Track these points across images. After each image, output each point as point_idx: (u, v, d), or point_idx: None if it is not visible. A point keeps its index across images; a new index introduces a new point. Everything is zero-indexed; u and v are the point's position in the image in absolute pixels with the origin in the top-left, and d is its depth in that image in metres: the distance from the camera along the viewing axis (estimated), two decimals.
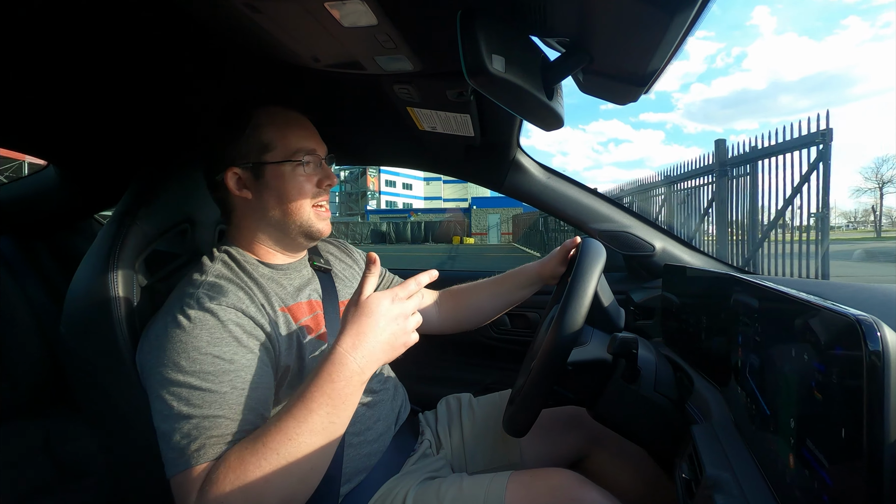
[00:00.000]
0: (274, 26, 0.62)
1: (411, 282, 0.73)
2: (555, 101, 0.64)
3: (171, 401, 0.64)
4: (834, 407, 0.40)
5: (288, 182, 0.81)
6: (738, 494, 0.53)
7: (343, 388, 0.65)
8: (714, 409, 0.72)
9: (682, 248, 1.35)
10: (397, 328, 0.69)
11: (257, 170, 0.80)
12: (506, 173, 1.35)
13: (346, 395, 0.65)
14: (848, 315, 0.38)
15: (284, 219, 0.82)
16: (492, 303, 1.15)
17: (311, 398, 0.63)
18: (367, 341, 0.67)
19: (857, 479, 0.36)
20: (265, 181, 0.81)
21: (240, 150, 0.80)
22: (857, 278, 8.61)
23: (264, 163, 0.80)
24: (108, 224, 0.85)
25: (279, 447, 0.61)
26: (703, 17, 0.47)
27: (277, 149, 0.80)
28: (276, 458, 0.60)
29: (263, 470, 0.60)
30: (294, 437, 0.61)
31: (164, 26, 0.72)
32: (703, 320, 0.85)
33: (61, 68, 0.82)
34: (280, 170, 0.80)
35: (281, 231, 0.84)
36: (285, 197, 0.81)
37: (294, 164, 0.81)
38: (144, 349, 0.70)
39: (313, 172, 0.83)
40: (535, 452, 1.01)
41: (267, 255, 0.85)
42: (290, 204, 0.81)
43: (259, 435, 0.63)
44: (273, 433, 0.62)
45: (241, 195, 0.81)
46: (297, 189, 0.81)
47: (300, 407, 0.63)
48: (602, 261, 0.81)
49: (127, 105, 1.00)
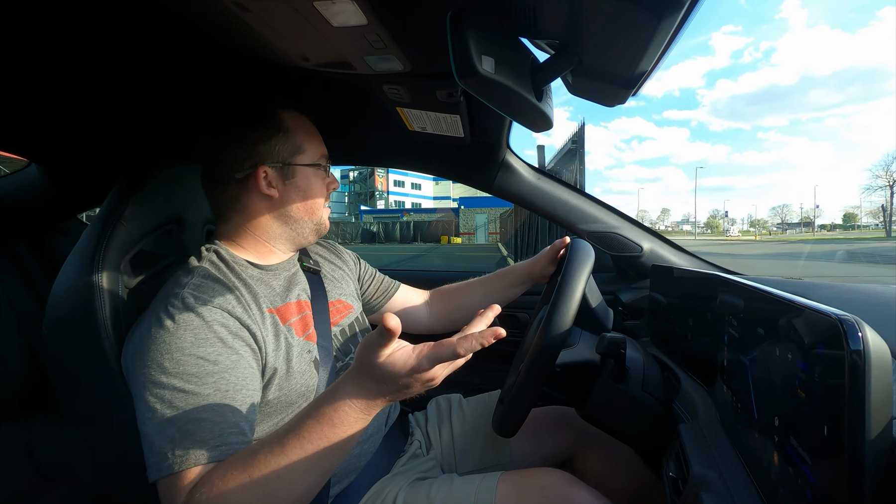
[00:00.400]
0: (263, 25, 0.62)
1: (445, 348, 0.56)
2: (544, 102, 0.65)
3: (154, 403, 0.63)
4: (817, 405, 0.40)
5: (313, 184, 0.86)
6: (724, 492, 0.54)
7: (342, 434, 0.59)
8: (701, 408, 0.73)
9: (670, 249, 1.37)
10: (411, 391, 0.60)
11: (287, 170, 0.83)
12: (495, 174, 1.35)
13: (345, 442, 0.59)
14: (830, 315, 0.39)
15: (305, 217, 0.86)
16: (483, 301, 1.14)
17: (308, 439, 0.58)
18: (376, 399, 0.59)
19: (839, 476, 0.36)
20: (294, 182, 0.84)
21: (272, 149, 0.82)
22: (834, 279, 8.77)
23: (296, 164, 0.83)
24: (92, 224, 0.83)
25: (266, 479, 0.58)
26: (691, 20, 0.48)
27: (307, 152, 0.85)
28: (259, 490, 0.57)
29: (247, 498, 0.57)
30: (284, 475, 0.58)
31: (151, 25, 0.72)
32: (689, 320, 0.86)
33: (47, 65, 0.81)
34: (308, 172, 0.85)
35: (296, 230, 0.87)
36: (310, 198, 0.86)
37: (318, 168, 0.87)
38: (129, 351, 0.69)
39: (326, 177, 0.90)
40: (524, 452, 1.02)
41: (258, 256, 0.84)
42: (311, 204, 0.86)
43: (247, 461, 0.59)
44: (262, 463, 0.58)
45: (268, 193, 0.82)
46: (319, 191, 0.87)
47: (294, 444, 0.58)
48: (590, 262, 0.82)
49: (113, 103, 0.98)
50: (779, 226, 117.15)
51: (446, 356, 0.55)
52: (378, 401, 0.59)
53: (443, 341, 0.56)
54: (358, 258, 1.13)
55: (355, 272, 1.09)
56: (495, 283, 1.16)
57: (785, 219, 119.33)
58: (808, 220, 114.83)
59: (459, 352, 0.55)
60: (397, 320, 0.53)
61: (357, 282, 1.08)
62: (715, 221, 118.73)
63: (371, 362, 0.56)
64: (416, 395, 0.61)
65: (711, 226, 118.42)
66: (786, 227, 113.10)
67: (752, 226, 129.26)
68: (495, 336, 0.55)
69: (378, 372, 0.56)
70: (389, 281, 1.16)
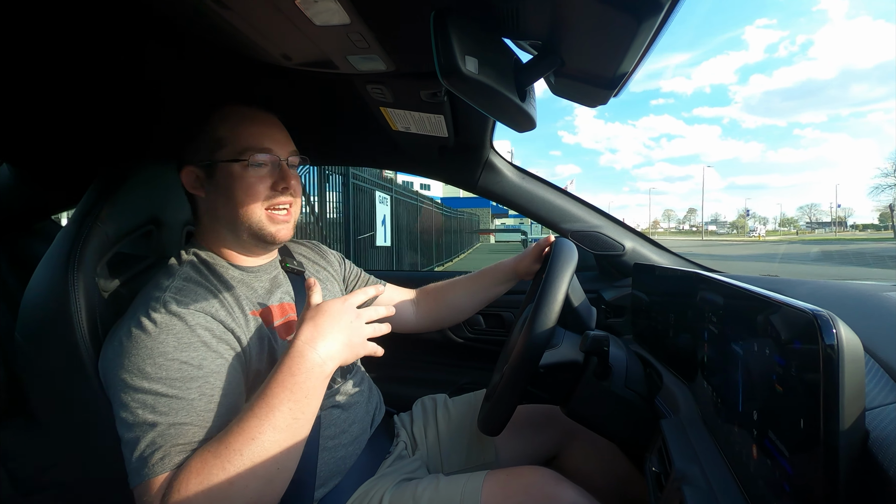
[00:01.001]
0: (243, 23, 0.61)
1: (359, 293, 0.76)
2: (527, 102, 0.65)
3: (135, 408, 0.62)
4: (793, 399, 0.41)
5: (237, 182, 0.76)
6: (706, 486, 0.55)
7: (305, 382, 0.64)
8: (682, 403, 0.74)
9: (651, 248, 1.39)
10: (353, 327, 0.72)
11: (210, 168, 0.77)
12: (479, 174, 1.36)
13: (308, 389, 0.64)
14: (806, 311, 0.40)
15: (234, 220, 0.78)
16: (469, 299, 1.16)
17: (272, 394, 0.63)
18: (324, 334, 0.68)
19: (815, 467, 0.37)
20: (216, 180, 0.77)
21: (195, 147, 0.78)
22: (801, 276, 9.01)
23: (216, 161, 0.77)
24: (68, 225, 0.81)
25: (243, 448, 0.59)
26: (671, 22, 0.48)
27: (228, 146, 0.77)
28: (239, 460, 0.59)
29: (227, 473, 0.58)
30: (257, 436, 0.60)
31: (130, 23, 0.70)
32: (671, 317, 0.88)
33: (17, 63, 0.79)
34: (230, 169, 0.76)
35: (234, 233, 0.80)
36: (233, 198, 0.77)
37: (244, 164, 0.76)
38: (108, 356, 0.68)
39: (268, 174, 0.78)
40: (510, 451, 1.02)
41: (234, 257, 0.82)
42: (238, 205, 0.77)
43: (221, 437, 0.61)
44: (235, 434, 0.60)
45: (195, 194, 0.80)
46: (246, 190, 0.77)
47: (262, 405, 0.62)
48: (573, 262, 0.82)
49: (90, 101, 0.96)
50: (808, 225, 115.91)
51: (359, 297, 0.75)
52: (327, 338, 0.68)
53: None
54: (343, 258, 1.12)
55: (340, 273, 1.08)
56: (481, 280, 1.16)
57: (813, 218, 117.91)
58: (840, 219, 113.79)
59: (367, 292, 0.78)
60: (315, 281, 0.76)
61: (342, 282, 1.07)
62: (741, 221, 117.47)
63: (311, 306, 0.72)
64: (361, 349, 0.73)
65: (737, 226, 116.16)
66: (815, 227, 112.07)
67: (781, 225, 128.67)
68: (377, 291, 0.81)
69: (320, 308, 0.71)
70: (375, 281, 1.15)
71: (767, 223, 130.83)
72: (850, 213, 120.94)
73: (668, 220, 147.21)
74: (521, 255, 1.11)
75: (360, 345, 0.73)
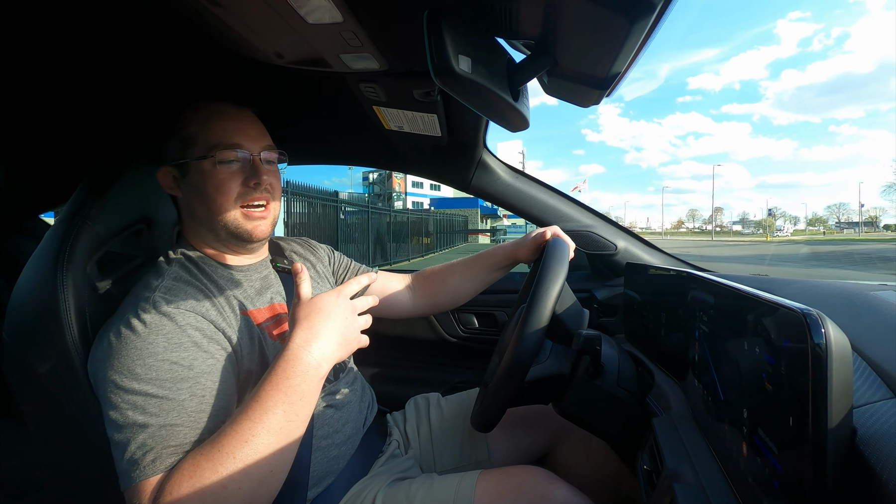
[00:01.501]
0: (235, 20, 0.61)
1: (353, 282, 0.75)
2: (520, 102, 0.65)
3: (125, 410, 0.61)
4: (782, 397, 0.42)
5: (207, 180, 0.75)
6: (696, 484, 0.55)
7: (299, 385, 0.63)
8: (673, 401, 0.74)
9: (643, 248, 1.40)
10: (347, 322, 0.70)
11: (182, 167, 0.76)
12: (472, 174, 1.36)
13: (302, 392, 0.64)
14: (795, 310, 0.40)
15: (210, 219, 0.77)
16: (467, 284, 1.14)
17: (266, 397, 0.62)
18: (319, 335, 0.67)
19: (804, 464, 0.38)
20: (189, 179, 0.76)
21: (169, 147, 0.78)
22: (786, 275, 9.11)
23: (186, 160, 0.76)
24: (56, 224, 0.80)
25: (235, 450, 0.59)
26: (663, 22, 0.49)
27: (198, 144, 0.75)
28: (232, 462, 0.58)
29: (220, 475, 0.57)
30: (251, 438, 0.59)
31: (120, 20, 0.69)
32: (662, 316, 0.88)
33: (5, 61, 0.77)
34: (200, 166, 0.75)
35: (212, 232, 0.79)
36: (206, 196, 0.75)
37: (212, 161, 0.74)
38: (97, 356, 0.67)
39: (238, 170, 0.76)
40: (502, 449, 1.02)
41: (221, 257, 0.82)
42: (211, 204, 0.75)
43: (214, 439, 0.60)
44: (229, 436, 0.59)
45: (173, 194, 0.80)
46: (217, 187, 0.75)
47: (256, 407, 0.61)
48: (564, 270, 0.80)
49: (78, 99, 0.95)
50: (837, 225, 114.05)
51: (353, 287, 0.74)
52: (321, 338, 0.67)
53: None
54: (332, 250, 1.11)
55: (330, 266, 1.07)
56: (478, 265, 1.13)
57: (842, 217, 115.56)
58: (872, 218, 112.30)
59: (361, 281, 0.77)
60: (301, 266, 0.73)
61: (332, 276, 1.06)
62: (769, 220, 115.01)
63: (302, 302, 0.70)
64: (355, 343, 0.72)
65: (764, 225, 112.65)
66: (844, 227, 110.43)
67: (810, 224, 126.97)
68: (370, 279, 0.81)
69: (314, 304, 0.69)
70: (366, 269, 1.13)
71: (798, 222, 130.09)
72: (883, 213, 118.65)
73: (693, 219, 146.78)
74: (520, 242, 1.06)
75: (354, 340, 0.72)
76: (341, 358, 0.70)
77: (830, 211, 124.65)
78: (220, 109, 0.78)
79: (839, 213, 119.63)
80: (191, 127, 0.76)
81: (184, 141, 0.76)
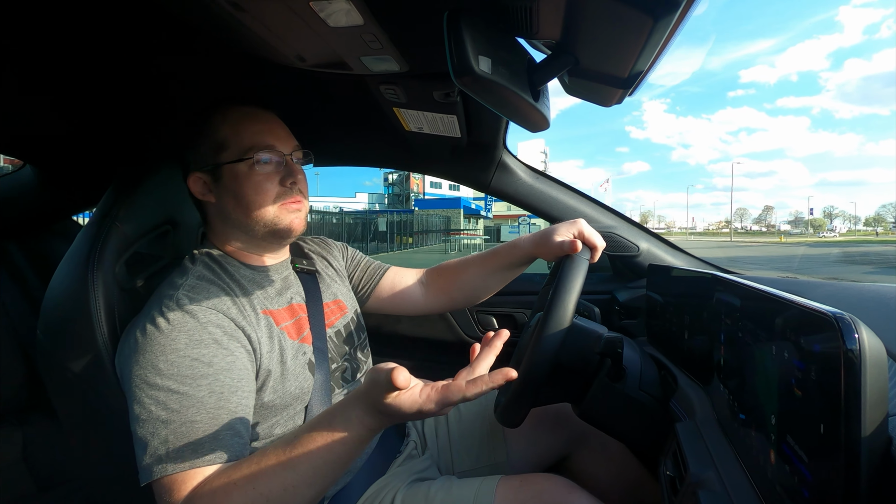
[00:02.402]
0: (259, 25, 0.62)
1: (453, 392, 0.56)
2: (541, 102, 0.65)
3: (148, 405, 0.63)
4: (813, 403, 0.41)
5: (244, 182, 0.76)
6: (722, 491, 0.54)
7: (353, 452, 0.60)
8: (697, 406, 0.73)
9: (667, 249, 1.37)
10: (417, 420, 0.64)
11: (215, 172, 0.77)
12: (492, 174, 1.35)
13: (353, 458, 0.61)
14: (826, 313, 0.39)
15: (248, 221, 0.77)
16: (481, 281, 1.06)
17: (316, 453, 0.59)
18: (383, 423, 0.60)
19: (835, 473, 0.37)
20: (223, 183, 0.77)
21: (199, 152, 0.78)
22: None
23: (220, 164, 0.76)
24: (87, 226, 0.83)
25: (270, 494, 0.58)
26: (688, 19, 0.48)
27: (231, 148, 0.76)
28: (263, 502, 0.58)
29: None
30: (290, 488, 0.58)
31: (146, 25, 0.71)
32: (686, 319, 0.87)
33: (41, 66, 0.80)
34: (235, 170, 0.76)
35: (248, 234, 0.80)
36: (244, 198, 0.76)
37: (249, 163, 0.75)
38: (123, 352, 0.69)
39: (274, 171, 0.78)
40: (520, 451, 1.02)
41: (246, 257, 0.83)
42: (250, 205, 0.76)
43: (254, 473, 0.59)
44: (267, 478, 0.58)
45: (206, 199, 0.79)
46: (255, 189, 0.76)
47: (302, 457, 0.59)
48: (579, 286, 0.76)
49: (108, 104, 0.98)
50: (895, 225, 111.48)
51: (454, 399, 0.55)
52: (385, 424, 0.60)
53: (451, 384, 0.56)
54: (345, 247, 1.10)
55: (343, 263, 1.07)
56: (494, 262, 1.04)
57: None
58: None
59: (469, 396, 0.55)
60: (407, 377, 0.53)
61: (345, 271, 1.06)
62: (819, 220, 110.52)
63: (378, 398, 0.56)
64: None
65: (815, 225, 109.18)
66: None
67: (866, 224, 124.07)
68: (505, 378, 0.56)
69: (384, 407, 0.56)
70: (378, 265, 1.10)
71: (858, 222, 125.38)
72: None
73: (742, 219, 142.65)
74: (541, 241, 0.92)
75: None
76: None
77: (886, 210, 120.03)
78: (249, 112, 0.79)
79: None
80: (222, 131, 0.77)
81: (216, 145, 0.77)
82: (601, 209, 1.39)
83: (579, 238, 0.85)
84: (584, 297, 0.90)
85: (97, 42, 0.75)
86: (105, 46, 0.76)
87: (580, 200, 1.39)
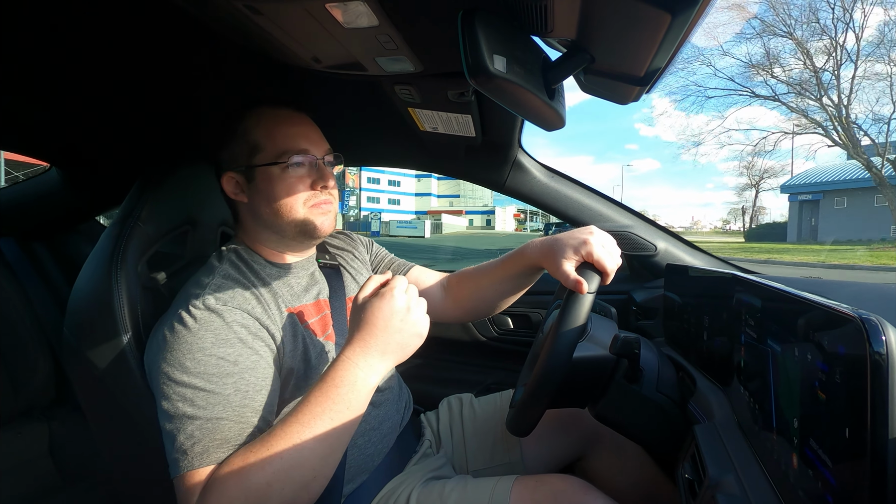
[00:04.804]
0: (275, 27, 0.63)
1: (399, 278, 0.72)
2: (556, 100, 0.64)
3: (176, 401, 0.65)
4: (837, 407, 0.40)
5: (277, 185, 0.78)
6: (741, 495, 0.53)
7: (347, 394, 0.65)
8: (716, 409, 0.72)
9: (685, 248, 1.35)
10: (403, 328, 0.69)
11: (249, 173, 0.79)
12: (507, 173, 1.35)
13: (350, 401, 0.65)
14: (852, 315, 0.38)
15: (278, 221, 0.79)
16: (496, 292, 0.99)
17: (315, 402, 0.64)
18: (371, 351, 0.67)
19: (861, 479, 0.36)
20: (256, 184, 0.79)
21: (232, 153, 0.80)
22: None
23: (254, 166, 0.78)
24: (111, 226, 0.85)
25: (283, 452, 0.61)
26: (706, 14, 0.47)
27: (265, 150, 0.78)
28: (279, 463, 0.60)
29: (266, 475, 0.60)
30: (298, 442, 0.61)
31: (165, 28, 0.73)
32: (705, 320, 0.85)
33: (64, 70, 0.83)
34: (269, 172, 0.78)
35: (278, 233, 0.82)
36: (276, 200, 0.78)
37: (283, 166, 0.77)
38: (152, 350, 0.71)
39: (306, 174, 0.79)
40: (535, 452, 1.01)
41: (272, 255, 0.84)
42: (282, 207, 0.78)
43: (264, 439, 0.63)
44: (278, 437, 0.62)
45: (238, 199, 0.81)
46: (287, 191, 0.78)
47: (305, 411, 0.63)
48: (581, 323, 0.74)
49: (129, 107, 1.00)
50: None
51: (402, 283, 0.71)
52: (377, 350, 0.67)
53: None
54: (371, 242, 1.11)
55: (368, 259, 1.08)
56: (503, 271, 0.96)
57: None
58: None
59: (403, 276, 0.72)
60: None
61: (370, 267, 1.08)
62: None
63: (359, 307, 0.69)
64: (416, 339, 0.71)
65: None
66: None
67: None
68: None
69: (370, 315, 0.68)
70: (402, 263, 1.10)
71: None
72: None
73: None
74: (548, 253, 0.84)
75: (416, 335, 0.71)
76: (400, 360, 0.71)
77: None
78: (284, 115, 0.80)
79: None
80: (256, 133, 0.78)
81: (250, 147, 0.78)
82: (617, 208, 1.37)
83: (587, 259, 0.79)
84: (600, 297, 0.89)
85: (118, 45, 0.76)
86: (125, 49, 0.78)
87: (596, 199, 1.37)
